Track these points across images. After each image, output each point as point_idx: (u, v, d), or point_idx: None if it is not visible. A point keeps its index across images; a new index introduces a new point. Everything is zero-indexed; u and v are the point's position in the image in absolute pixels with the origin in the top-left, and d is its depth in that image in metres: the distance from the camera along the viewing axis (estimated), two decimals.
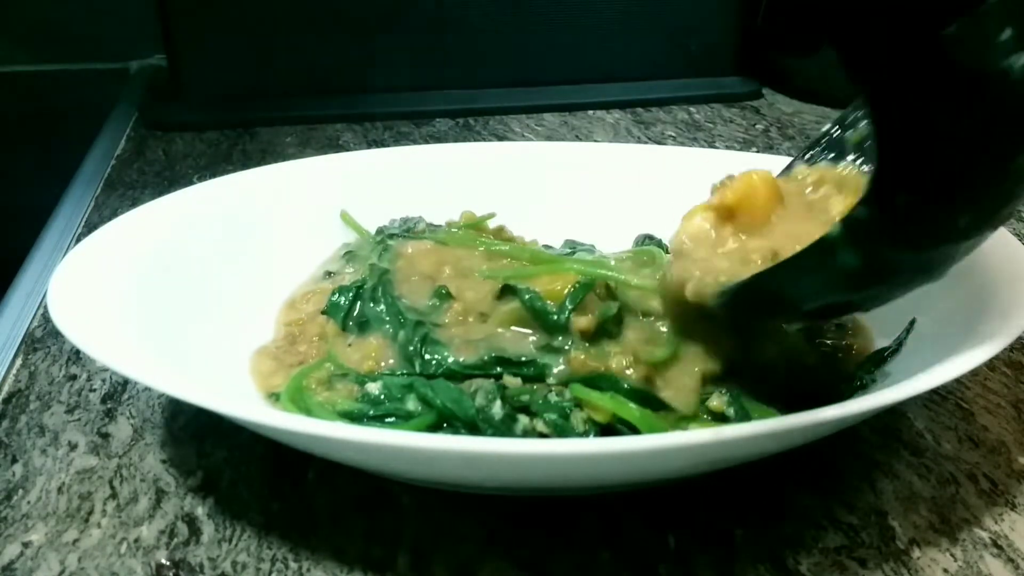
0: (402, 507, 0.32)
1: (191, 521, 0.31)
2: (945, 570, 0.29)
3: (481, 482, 0.31)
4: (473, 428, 0.32)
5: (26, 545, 0.30)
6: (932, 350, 0.35)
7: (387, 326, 0.37)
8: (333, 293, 0.39)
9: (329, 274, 0.43)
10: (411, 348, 0.35)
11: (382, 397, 0.34)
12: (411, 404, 0.33)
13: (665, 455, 0.28)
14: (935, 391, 0.38)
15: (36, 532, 0.31)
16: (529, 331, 0.35)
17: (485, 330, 0.36)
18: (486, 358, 0.34)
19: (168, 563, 0.29)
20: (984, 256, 0.38)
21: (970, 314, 0.35)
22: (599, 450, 0.27)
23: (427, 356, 0.35)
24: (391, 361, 0.36)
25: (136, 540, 0.30)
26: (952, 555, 0.30)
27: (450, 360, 0.34)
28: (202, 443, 0.35)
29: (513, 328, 0.35)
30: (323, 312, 0.39)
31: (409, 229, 0.45)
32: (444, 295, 0.37)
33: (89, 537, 0.31)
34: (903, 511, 0.31)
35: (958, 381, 0.38)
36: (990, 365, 0.40)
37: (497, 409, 0.32)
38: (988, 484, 0.33)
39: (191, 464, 0.34)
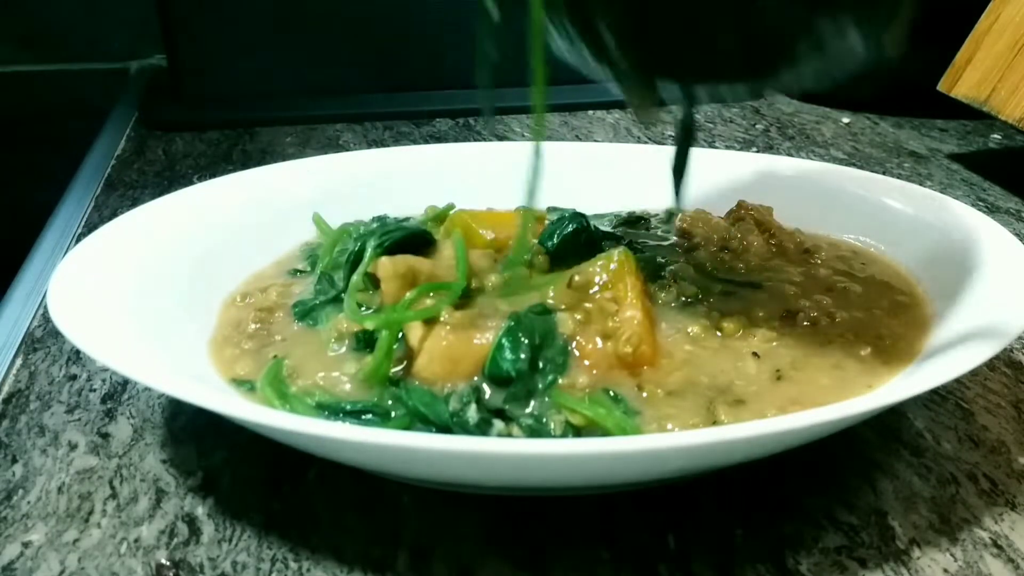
0: (402, 507, 0.32)
1: (191, 521, 0.31)
2: (945, 570, 0.29)
3: (483, 482, 0.31)
4: (446, 432, 0.31)
5: (26, 545, 0.30)
6: (932, 350, 0.35)
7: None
8: (302, 304, 0.39)
9: (297, 272, 0.42)
10: None
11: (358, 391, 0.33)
12: (387, 400, 0.33)
13: (662, 456, 0.28)
14: (935, 391, 0.38)
15: (36, 532, 0.31)
16: None
17: None
18: None
19: (168, 563, 0.29)
20: (984, 256, 0.38)
21: (970, 314, 0.35)
22: (601, 450, 0.27)
23: None
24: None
25: (136, 540, 0.30)
26: (952, 555, 0.30)
27: None
28: (202, 443, 0.35)
29: None
30: (296, 321, 0.38)
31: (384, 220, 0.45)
32: None
33: (89, 537, 0.31)
34: (903, 511, 0.31)
35: (958, 381, 0.38)
36: (990, 365, 0.40)
37: (472, 413, 0.31)
38: (988, 484, 0.33)
39: (191, 464, 0.34)
